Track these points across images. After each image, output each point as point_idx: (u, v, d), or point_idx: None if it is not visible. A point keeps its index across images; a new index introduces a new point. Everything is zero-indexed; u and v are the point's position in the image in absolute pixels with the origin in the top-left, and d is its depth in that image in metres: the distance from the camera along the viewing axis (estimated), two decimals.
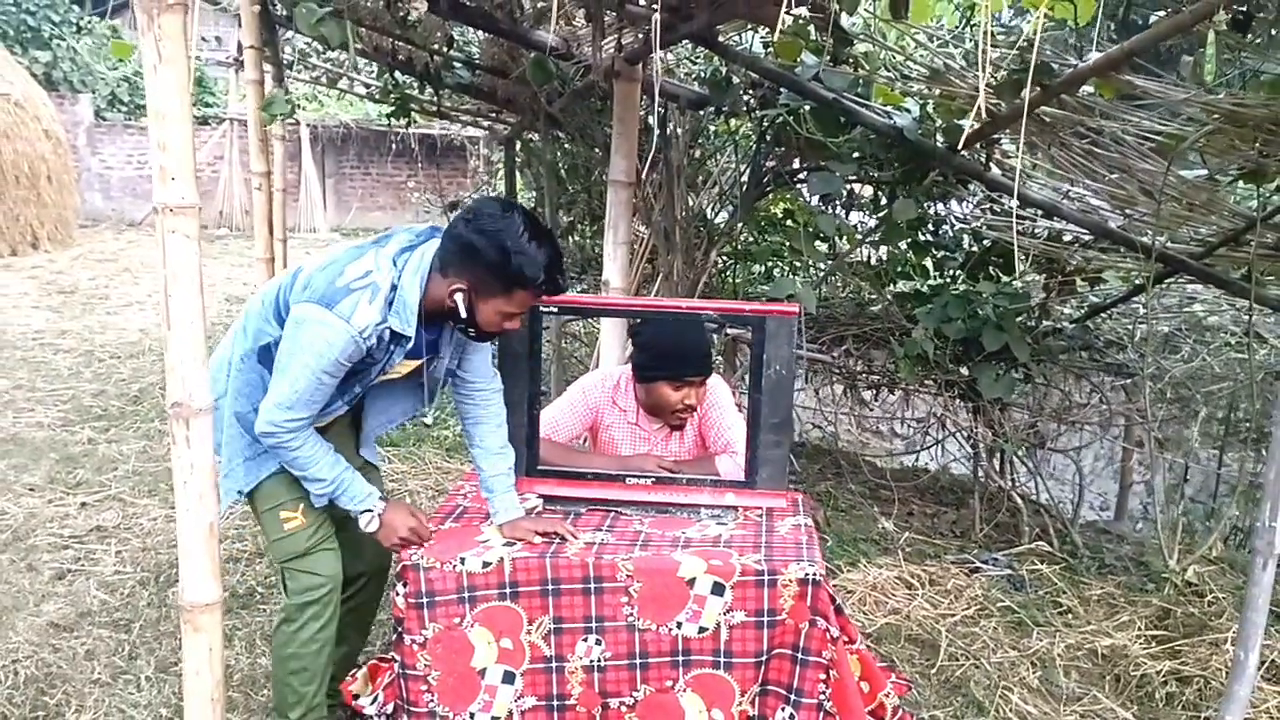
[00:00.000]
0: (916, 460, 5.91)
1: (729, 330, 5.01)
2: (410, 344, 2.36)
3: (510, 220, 2.26)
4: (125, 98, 18.51)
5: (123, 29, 17.68)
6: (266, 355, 2.40)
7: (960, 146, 3.96)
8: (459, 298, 2.30)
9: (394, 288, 2.29)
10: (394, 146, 16.97)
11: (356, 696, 2.74)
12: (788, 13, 3.06)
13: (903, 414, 5.49)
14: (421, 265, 2.32)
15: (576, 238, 6.84)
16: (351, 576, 2.77)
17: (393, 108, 6.18)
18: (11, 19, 17.58)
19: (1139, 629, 3.65)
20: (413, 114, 6.33)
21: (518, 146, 7.32)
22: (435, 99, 6.13)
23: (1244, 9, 2.93)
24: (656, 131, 4.98)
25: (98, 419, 5.89)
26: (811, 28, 3.49)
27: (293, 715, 2.57)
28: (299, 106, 15.90)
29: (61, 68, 18.02)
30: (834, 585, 3.86)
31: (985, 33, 2.18)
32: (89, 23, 18.61)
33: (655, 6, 2.65)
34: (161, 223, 2.01)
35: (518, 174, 7.57)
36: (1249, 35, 3.03)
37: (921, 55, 4.12)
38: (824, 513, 4.75)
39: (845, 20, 3.54)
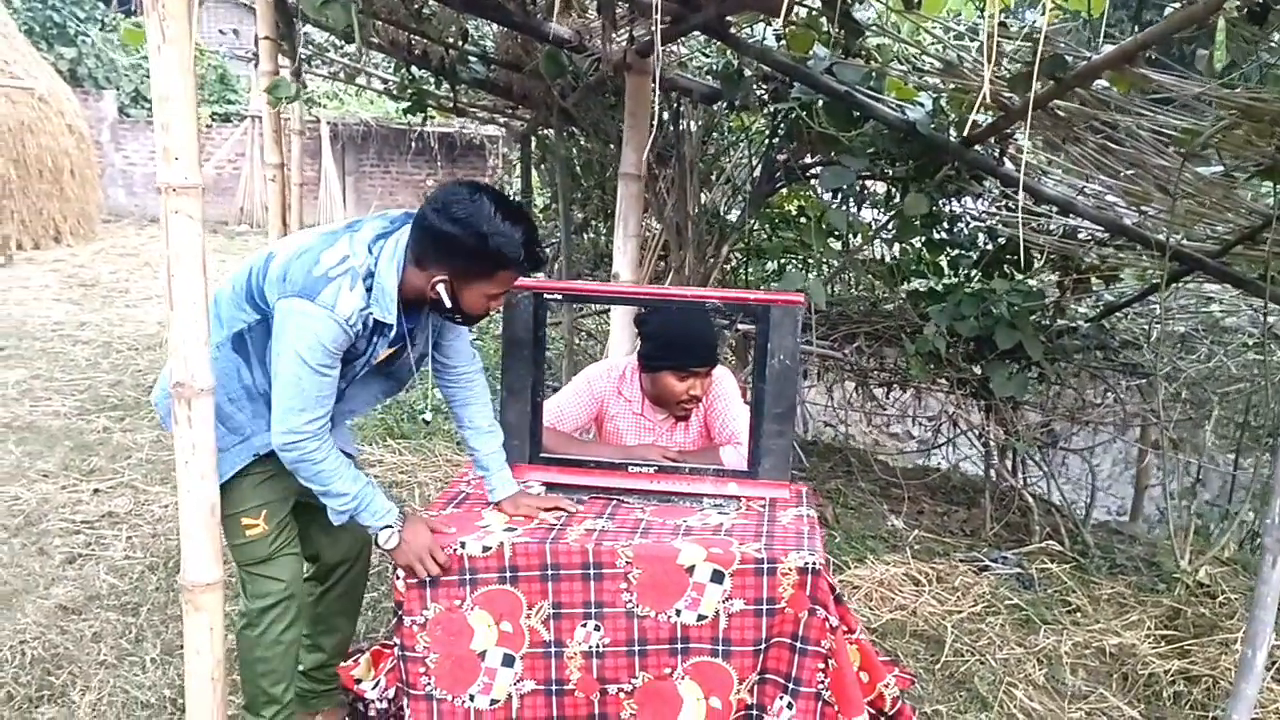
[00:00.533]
0: (928, 459, 5.88)
1: (740, 326, 5.01)
2: (393, 332, 2.34)
3: (480, 203, 2.21)
4: (149, 95, 18.60)
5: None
6: (241, 343, 2.36)
7: (971, 141, 3.94)
8: (441, 289, 2.26)
9: (370, 274, 2.25)
10: (414, 145, 17.02)
11: (359, 681, 2.74)
12: (796, 1, 3.06)
13: (914, 412, 5.47)
14: (397, 252, 2.28)
15: (591, 234, 6.84)
16: (333, 564, 2.77)
17: (409, 103, 6.21)
18: (38, 15, 17.75)
19: (1148, 628, 3.62)
20: (430, 111, 6.36)
21: (533, 144, 7.34)
22: (451, 94, 6.15)
23: (1260, 0, 2.89)
24: (670, 127, 4.98)
25: (113, 409, 5.94)
26: (824, 19, 3.48)
27: (265, 714, 2.57)
28: (319, 104, 16.00)
29: (86, 64, 18.18)
30: (840, 580, 3.84)
31: (992, 20, 2.17)
32: (114, 19, 18.77)
33: None
34: (165, 203, 2.02)
35: (534, 171, 7.59)
36: (1265, 27, 2.99)
37: (935, 48, 4.10)
38: (833, 509, 4.73)
39: (857, 12, 3.53)
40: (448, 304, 2.29)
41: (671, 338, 2.91)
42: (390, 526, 2.38)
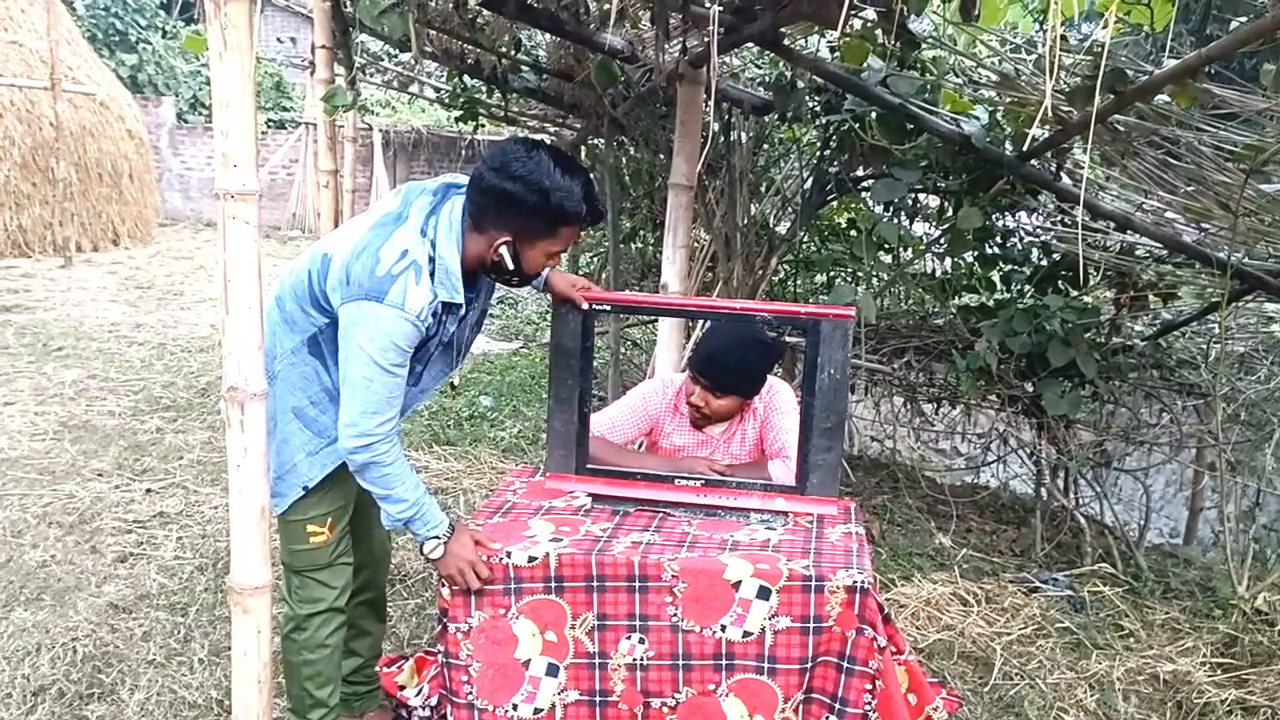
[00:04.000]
0: (977, 477, 5.80)
1: (788, 338, 4.97)
2: (463, 309, 2.33)
3: (539, 158, 2.20)
4: (207, 101, 19.02)
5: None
6: (316, 345, 2.34)
7: (1028, 155, 3.88)
8: (504, 251, 2.25)
9: (431, 260, 2.22)
10: (464, 153, 17.15)
11: (402, 688, 2.76)
12: (852, 13, 3.03)
13: (964, 429, 5.40)
14: (452, 227, 2.25)
15: (638, 244, 6.85)
16: (356, 567, 2.74)
17: (461, 112, 6.26)
18: (101, 22, 18.19)
19: (1204, 655, 3.53)
20: (481, 119, 6.40)
21: (583, 153, 7.36)
22: (503, 103, 6.19)
23: None
24: (720, 137, 4.97)
25: (166, 409, 6.03)
26: (879, 31, 3.45)
27: (313, 717, 2.58)
28: (372, 111, 16.18)
29: (147, 70, 18.59)
30: (887, 599, 3.79)
31: (1054, 34, 2.13)
32: (175, 27, 19.17)
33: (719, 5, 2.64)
34: (222, 208, 2.04)
35: None
36: None
37: (991, 61, 4.05)
38: (879, 526, 4.68)
39: (913, 23, 3.49)
40: (510, 265, 2.28)
41: (703, 343, 3.00)
42: (438, 538, 2.36)
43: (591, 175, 2.38)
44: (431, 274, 2.22)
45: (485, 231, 2.26)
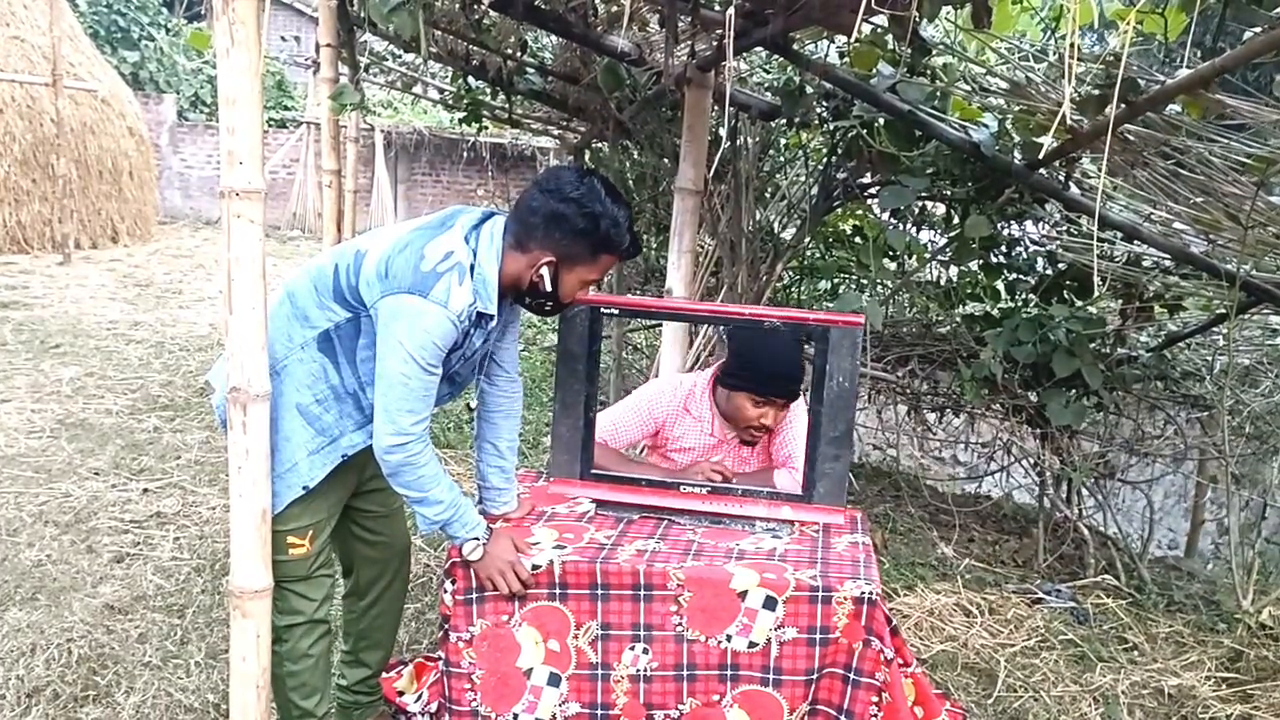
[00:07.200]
0: (979, 486, 5.77)
1: None
2: (491, 324, 2.32)
3: (593, 184, 2.25)
4: (208, 99, 19.00)
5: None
6: (327, 342, 2.30)
7: (1038, 164, 3.85)
8: (545, 272, 2.27)
9: (472, 266, 2.23)
10: (465, 155, 17.14)
11: (401, 694, 2.72)
12: (865, 19, 3.00)
13: (967, 438, 5.37)
14: (494, 242, 2.27)
15: (642, 248, 6.81)
16: (371, 579, 2.75)
17: (465, 113, 6.23)
18: (103, 19, 18.17)
19: (1208, 670, 3.51)
20: (484, 121, 6.38)
21: (586, 156, 7.33)
22: (507, 105, 6.16)
23: None
24: (726, 142, 4.94)
25: (164, 408, 6.00)
26: (889, 37, 3.42)
27: None
28: (374, 112, 16.13)
29: (148, 68, 18.55)
30: (890, 608, 3.76)
31: (1072, 40, 2.11)
32: (177, 25, 19.15)
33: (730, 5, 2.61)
34: (226, 207, 2.01)
35: None
36: None
37: (1002, 69, 4.02)
38: (882, 534, 4.65)
39: (924, 30, 3.47)
40: (548, 288, 2.29)
41: (757, 361, 2.88)
42: (477, 539, 2.36)
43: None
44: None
45: (529, 251, 2.27)
